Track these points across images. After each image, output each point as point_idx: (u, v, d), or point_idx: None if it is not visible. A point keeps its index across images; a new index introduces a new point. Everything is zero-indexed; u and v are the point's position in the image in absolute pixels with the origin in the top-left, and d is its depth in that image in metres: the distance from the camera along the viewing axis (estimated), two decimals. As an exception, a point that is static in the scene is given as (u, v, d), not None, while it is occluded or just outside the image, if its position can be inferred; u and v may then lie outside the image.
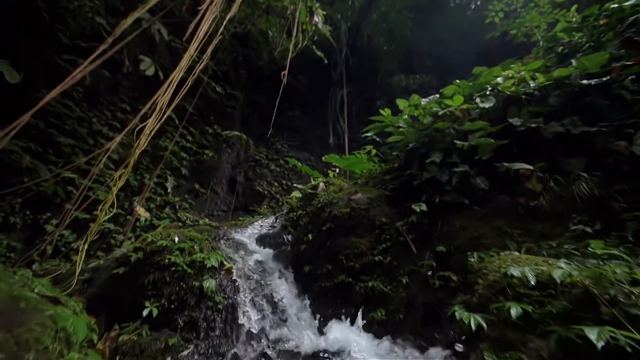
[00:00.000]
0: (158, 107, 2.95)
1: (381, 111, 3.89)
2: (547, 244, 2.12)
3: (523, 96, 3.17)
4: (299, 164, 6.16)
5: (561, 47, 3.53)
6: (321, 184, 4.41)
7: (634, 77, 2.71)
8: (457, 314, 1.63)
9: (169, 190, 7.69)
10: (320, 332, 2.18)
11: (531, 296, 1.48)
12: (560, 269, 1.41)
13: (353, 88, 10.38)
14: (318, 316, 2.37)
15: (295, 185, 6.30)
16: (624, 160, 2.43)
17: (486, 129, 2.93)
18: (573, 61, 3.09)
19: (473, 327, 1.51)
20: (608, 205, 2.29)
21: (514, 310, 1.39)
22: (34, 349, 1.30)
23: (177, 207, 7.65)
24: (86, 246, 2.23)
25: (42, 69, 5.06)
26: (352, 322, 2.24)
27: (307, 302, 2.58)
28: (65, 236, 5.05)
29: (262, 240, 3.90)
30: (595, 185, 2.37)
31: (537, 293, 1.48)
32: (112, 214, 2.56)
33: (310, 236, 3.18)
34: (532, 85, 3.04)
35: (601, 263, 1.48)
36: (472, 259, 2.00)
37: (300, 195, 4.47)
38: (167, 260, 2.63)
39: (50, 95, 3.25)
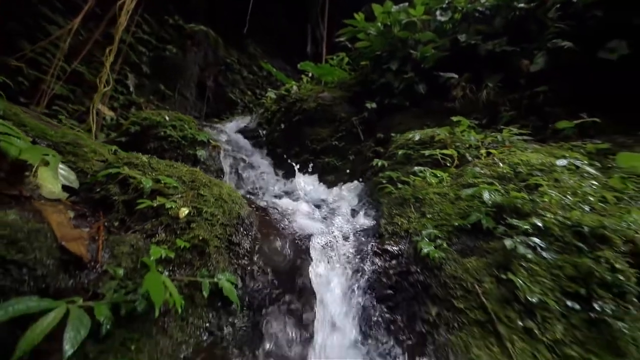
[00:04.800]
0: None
1: (355, 15, 4.33)
2: (449, 131, 3.27)
3: (476, 14, 3.84)
4: (274, 69, 6.53)
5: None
6: (294, 87, 5.08)
7: (559, 5, 3.47)
8: (374, 162, 2.79)
9: (131, 89, 7.74)
10: (287, 183, 3.36)
11: (415, 147, 2.62)
12: (432, 130, 2.53)
13: (338, -15, 9.70)
14: (287, 177, 3.52)
15: (269, 89, 6.82)
16: (522, 75, 3.45)
17: (435, 40, 3.68)
18: (523, -18, 3.70)
19: (379, 165, 2.67)
20: (497, 108, 3.41)
21: (400, 152, 2.54)
22: (105, 155, 2.19)
23: (144, 107, 7.87)
24: (96, 106, 2.93)
25: None
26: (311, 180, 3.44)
27: (278, 169, 3.72)
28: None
29: (240, 133, 4.76)
30: (495, 94, 3.43)
31: (419, 146, 2.62)
32: (110, 85, 3.15)
33: (282, 126, 4.10)
34: (482, 2, 3.68)
35: (459, 131, 2.60)
36: (395, 136, 3.10)
37: (275, 96, 5.15)
38: (162, 133, 3.43)
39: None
